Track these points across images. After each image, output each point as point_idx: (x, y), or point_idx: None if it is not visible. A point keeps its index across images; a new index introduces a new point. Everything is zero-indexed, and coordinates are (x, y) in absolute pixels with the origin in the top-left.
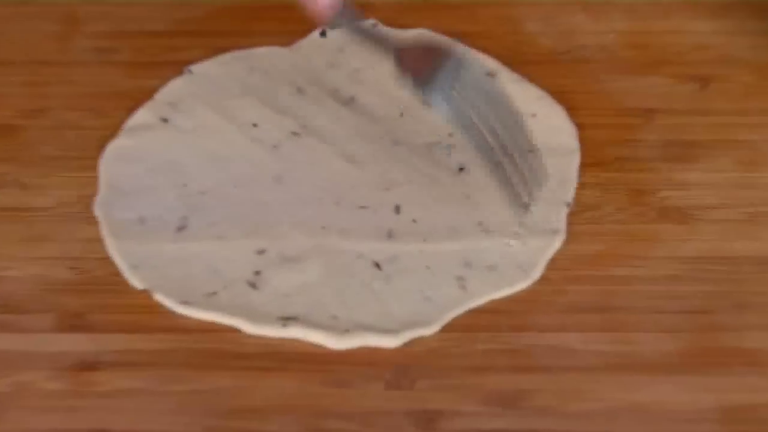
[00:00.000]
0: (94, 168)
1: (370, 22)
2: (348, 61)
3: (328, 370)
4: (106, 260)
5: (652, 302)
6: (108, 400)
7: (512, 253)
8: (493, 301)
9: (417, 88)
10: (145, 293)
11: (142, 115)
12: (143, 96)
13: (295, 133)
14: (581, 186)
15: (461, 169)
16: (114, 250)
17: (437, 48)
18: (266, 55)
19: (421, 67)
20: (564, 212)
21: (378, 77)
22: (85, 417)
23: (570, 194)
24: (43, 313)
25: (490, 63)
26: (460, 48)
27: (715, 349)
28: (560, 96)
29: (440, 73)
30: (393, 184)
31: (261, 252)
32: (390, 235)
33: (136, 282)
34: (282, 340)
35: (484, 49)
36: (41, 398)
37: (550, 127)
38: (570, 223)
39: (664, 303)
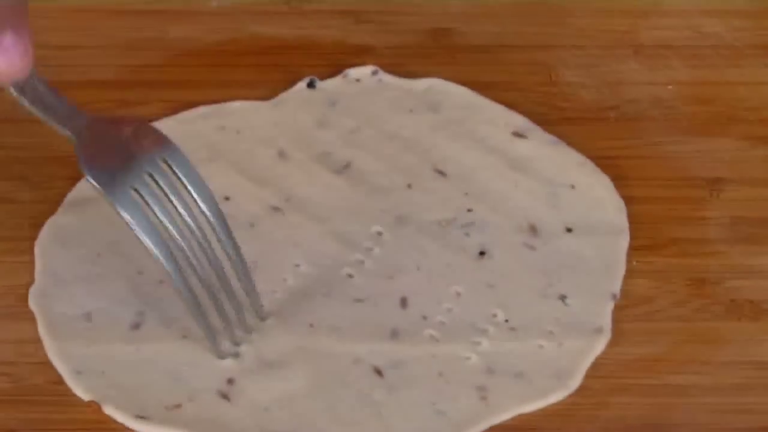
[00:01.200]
0: (28, 251)
1: (59, 98)
2: (342, 119)
3: None
4: (45, 365)
5: (718, 417)
6: None
7: (544, 356)
8: (520, 417)
9: (98, 187)
10: (93, 405)
11: (87, 187)
12: None
13: (275, 208)
14: (630, 274)
15: (482, 253)
16: (54, 352)
17: (137, 133)
18: (240, 110)
19: (107, 159)
20: (609, 306)
21: (379, 138)
22: None
23: (617, 284)
24: None
25: (519, 120)
26: (165, 137)
27: None
28: (605, 162)
29: (130, 168)
30: (398, 271)
31: (235, 355)
32: (394, 335)
33: (81, 392)
34: None
35: (512, 104)
36: None
37: (592, 200)
38: (616, 319)
39: (732, 418)
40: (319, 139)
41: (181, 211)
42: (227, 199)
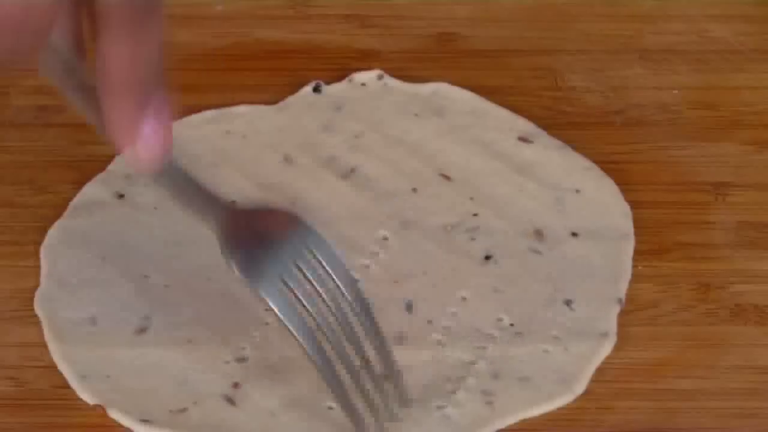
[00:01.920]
0: (34, 256)
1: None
2: (347, 123)
3: None
4: (50, 369)
5: (723, 422)
6: None
7: (550, 361)
8: (526, 421)
9: (244, 277)
10: (98, 409)
11: (92, 190)
12: (94, 166)
13: None
14: (636, 279)
15: (488, 257)
16: (59, 356)
17: (279, 218)
18: (246, 115)
19: (251, 248)
20: (614, 311)
21: (384, 143)
22: None
23: (622, 289)
24: None
25: (525, 125)
26: (307, 222)
27: None
28: (611, 167)
29: (275, 257)
30: (403, 276)
31: (241, 360)
32: (400, 339)
33: (86, 396)
34: None
35: (517, 108)
36: None
37: (598, 205)
38: (622, 324)
39: (738, 423)
40: (325, 144)
41: (328, 300)
42: (232, 203)
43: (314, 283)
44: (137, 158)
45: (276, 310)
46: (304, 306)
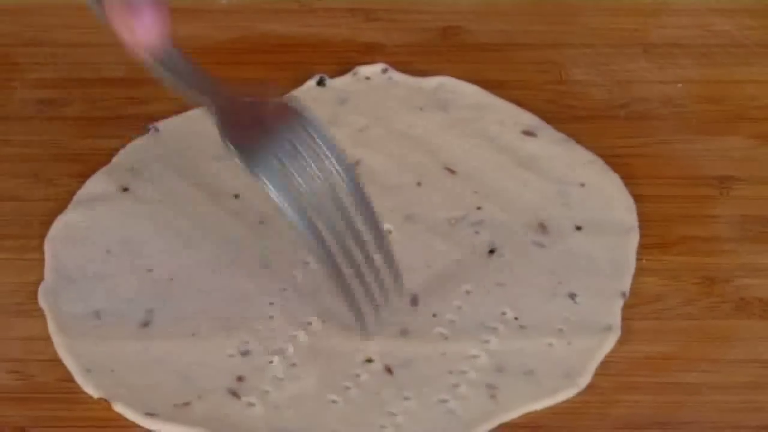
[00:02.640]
0: (38, 249)
1: (197, 68)
2: (351, 117)
3: None
4: (55, 363)
5: (728, 416)
6: None
7: (554, 355)
8: (530, 415)
9: (242, 161)
10: (103, 403)
11: (96, 184)
12: (98, 159)
13: None
14: (640, 272)
15: (492, 251)
16: (64, 350)
17: (277, 105)
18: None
19: (250, 131)
20: (619, 305)
21: (389, 137)
22: None
23: (626, 283)
24: None
25: (529, 119)
26: (305, 109)
27: None
28: (615, 161)
29: (273, 140)
30: (408, 269)
31: (245, 353)
32: (404, 333)
33: (90, 389)
34: None
35: (522, 102)
36: None
37: (602, 198)
38: (626, 318)
39: (742, 416)
40: None
41: (325, 184)
42: (236, 197)
43: (312, 166)
44: (137, 40)
45: (272, 190)
46: (301, 188)
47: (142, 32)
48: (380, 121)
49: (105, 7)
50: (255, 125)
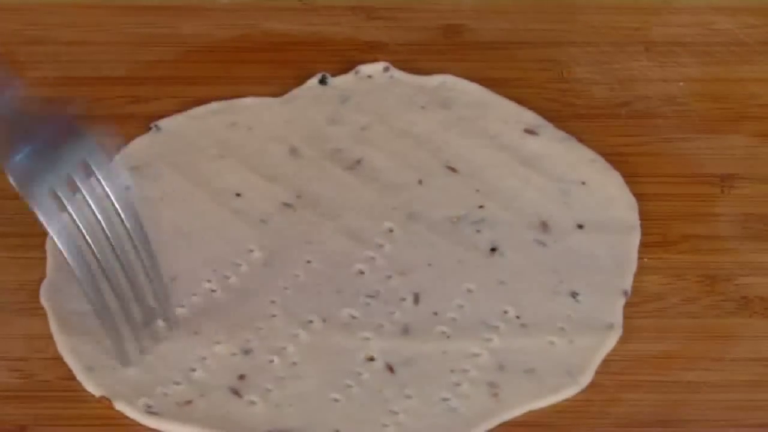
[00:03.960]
0: (40, 247)
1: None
2: (353, 115)
3: None
4: (56, 361)
5: (729, 414)
6: None
7: (556, 353)
8: (531, 413)
9: (19, 188)
10: (104, 401)
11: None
12: None
13: (287, 205)
14: (642, 271)
15: (493, 249)
16: (65, 348)
17: (62, 130)
18: (252, 107)
19: (30, 154)
20: (620, 303)
21: (391, 135)
22: None
23: (628, 281)
24: None
25: (530, 117)
26: (88, 133)
27: None
28: (617, 159)
29: (52, 167)
30: (409, 268)
31: (246, 351)
32: (406, 331)
33: (92, 388)
34: None
35: (523, 100)
36: None
37: (603, 197)
38: (628, 316)
39: (744, 415)
40: (331, 136)
41: (99, 216)
42: (238, 195)
43: (87, 197)
44: None
45: (45, 223)
46: (72, 216)
47: None
48: (382, 119)
49: None
50: (36, 146)
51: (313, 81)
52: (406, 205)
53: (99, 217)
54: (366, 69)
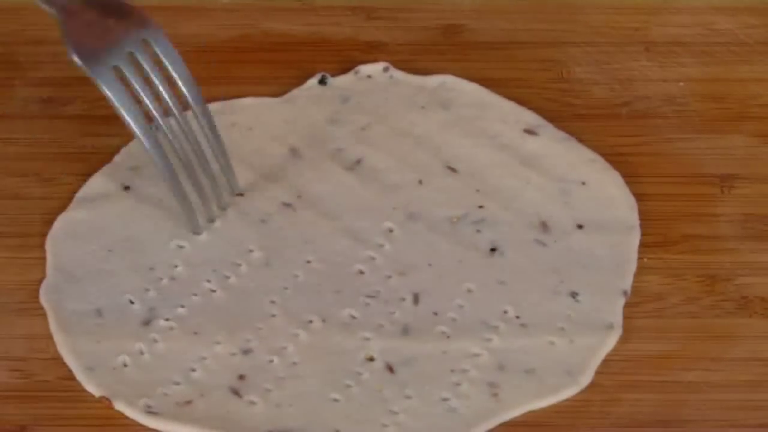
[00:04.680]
0: (40, 247)
1: None
2: (353, 115)
3: None
4: (56, 361)
5: (729, 414)
6: None
7: (556, 353)
8: (531, 413)
9: (83, 65)
10: (104, 401)
11: (98, 182)
12: (100, 158)
13: (287, 204)
14: (642, 271)
15: (493, 249)
16: (65, 348)
17: (122, 11)
18: (252, 107)
19: (91, 38)
20: (620, 303)
21: (390, 135)
22: None
23: (628, 281)
24: None
25: (530, 117)
26: (148, 18)
27: None
28: (617, 159)
29: (117, 46)
30: (409, 268)
31: (246, 351)
32: (406, 331)
33: (92, 388)
34: None
35: (523, 100)
36: None
37: (603, 197)
38: (627, 316)
39: (743, 415)
40: (331, 136)
41: (161, 89)
42: (239, 195)
43: (152, 76)
44: None
45: (108, 95)
46: (139, 95)
47: None
48: (382, 119)
49: None
50: (97, 31)
51: (313, 81)
52: (406, 205)
53: (161, 89)
54: (366, 69)
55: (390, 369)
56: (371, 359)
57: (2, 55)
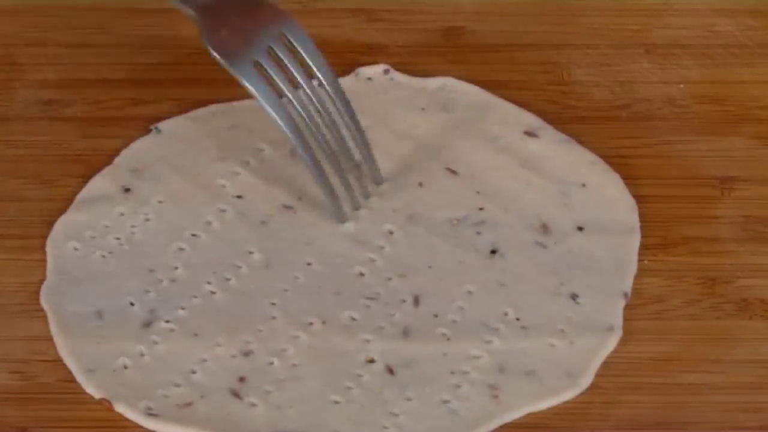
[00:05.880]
0: (40, 249)
1: None
2: None
3: None
4: (57, 363)
5: (729, 416)
6: None
7: (556, 355)
8: (532, 415)
9: (222, 60)
10: (104, 403)
11: (99, 184)
12: (100, 160)
13: (287, 207)
14: (642, 273)
15: (494, 251)
16: (66, 350)
17: (256, 6)
18: (252, 109)
19: (228, 34)
20: (621, 305)
21: (390, 137)
22: None
23: (628, 283)
24: None
25: (531, 119)
26: (283, 11)
27: None
28: (617, 161)
29: (255, 42)
30: (410, 270)
31: (246, 353)
32: (406, 333)
33: (92, 389)
34: None
35: (524, 103)
36: None
37: (604, 199)
38: (628, 318)
39: (744, 417)
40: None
41: (301, 81)
42: (239, 197)
43: (292, 69)
44: None
45: (251, 90)
46: (279, 86)
47: None
48: (382, 121)
49: None
50: (234, 27)
51: (314, 82)
52: (407, 206)
53: (301, 81)
54: (366, 71)
55: (390, 371)
56: (371, 361)
57: (3, 57)
